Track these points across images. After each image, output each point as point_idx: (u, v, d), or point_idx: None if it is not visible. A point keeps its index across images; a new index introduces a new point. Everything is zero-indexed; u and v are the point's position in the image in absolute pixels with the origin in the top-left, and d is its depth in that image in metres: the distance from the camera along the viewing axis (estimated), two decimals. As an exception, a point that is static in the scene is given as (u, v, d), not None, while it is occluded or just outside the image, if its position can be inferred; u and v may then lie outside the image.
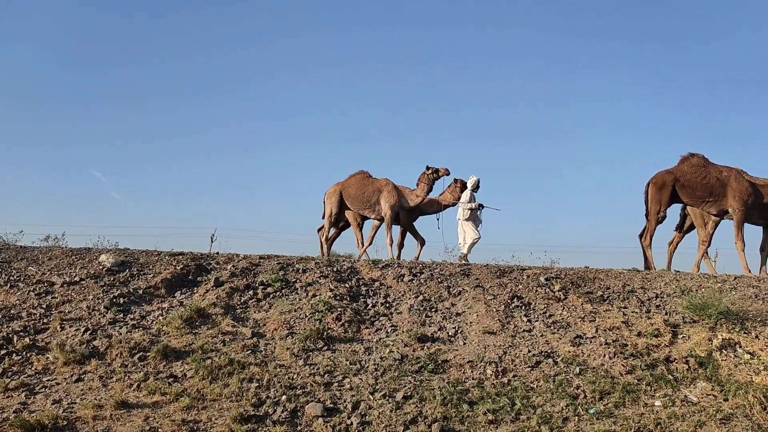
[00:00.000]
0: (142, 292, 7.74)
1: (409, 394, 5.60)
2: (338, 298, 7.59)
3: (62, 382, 5.78)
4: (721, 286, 8.34)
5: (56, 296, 7.57)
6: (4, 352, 6.23)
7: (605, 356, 6.38)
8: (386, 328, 7.00)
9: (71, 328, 6.79)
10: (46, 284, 7.90)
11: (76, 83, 48.36)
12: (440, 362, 6.24)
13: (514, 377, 6.01)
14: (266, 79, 50.50)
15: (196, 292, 7.83)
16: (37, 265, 8.63)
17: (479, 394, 5.66)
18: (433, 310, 7.47)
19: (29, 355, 6.23)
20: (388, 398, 5.54)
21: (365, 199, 11.31)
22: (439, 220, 11.41)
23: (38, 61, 46.33)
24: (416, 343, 6.60)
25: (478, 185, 11.15)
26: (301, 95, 50.78)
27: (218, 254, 9.37)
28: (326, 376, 5.90)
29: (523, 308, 7.50)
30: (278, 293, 7.76)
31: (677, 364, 6.28)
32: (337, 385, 5.78)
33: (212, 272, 8.40)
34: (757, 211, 10.18)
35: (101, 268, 8.41)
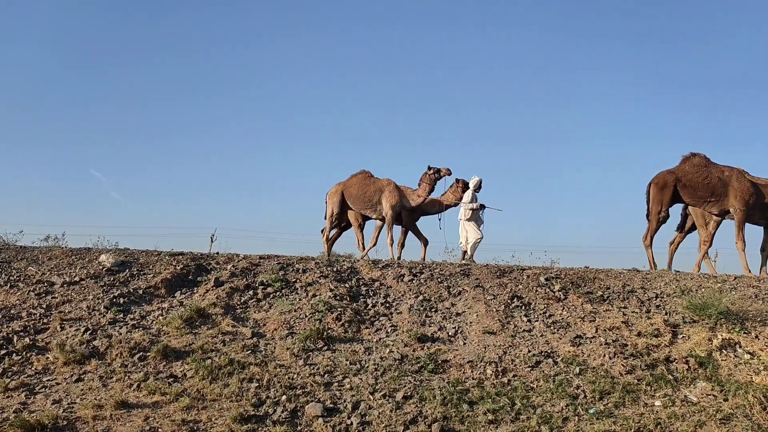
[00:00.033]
0: (142, 292, 7.74)
1: (409, 394, 5.60)
2: (338, 298, 7.59)
3: (62, 382, 5.79)
4: (721, 286, 8.34)
5: (56, 296, 7.57)
6: (4, 352, 6.23)
7: (605, 356, 6.38)
8: (386, 328, 7.00)
9: (71, 328, 6.79)
10: (46, 284, 7.90)
11: (76, 83, 48.41)
12: (440, 362, 6.24)
13: (514, 377, 6.01)
14: (266, 79, 50.55)
15: (196, 292, 7.83)
16: (37, 265, 8.63)
17: (479, 394, 5.66)
18: (433, 310, 7.47)
19: (29, 355, 6.23)
20: (388, 398, 5.54)
21: (367, 198, 11.31)
22: (440, 220, 11.42)
23: (38, 61, 46.39)
24: (416, 343, 6.60)
25: (480, 185, 11.14)
26: (301, 95, 50.82)
27: (218, 254, 9.38)
28: (326, 376, 5.90)
29: (523, 308, 7.50)
30: (278, 293, 7.76)
31: (677, 364, 6.28)
32: (337, 385, 5.78)
33: (212, 272, 8.40)
34: (758, 211, 10.17)
35: (101, 268, 8.41)
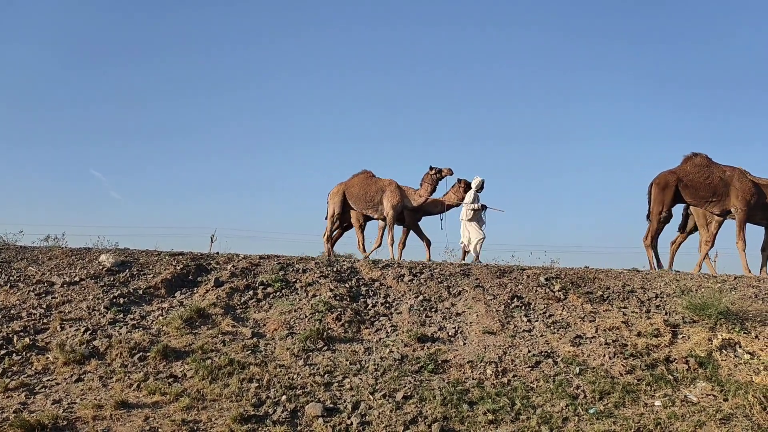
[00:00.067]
0: (142, 292, 7.75)
1: (409, 394, 5.60)
2: (338, 298, 7.59)
3: (62, 382, 5.79)
4: (721, 286, 8.34)
5: (56, 296, 7.57)
6: (4, 352, 6.23)
7: (605, 356, 6.38)
8: (386, 328, 7.00)
9: (71, 328, 6.79)
10: (46, 284, 7.90)
11: (76, 83, 48.39)
12: (440, 362, 6.24)
13: (514, 377, 6.01)
14: (266, 79, 50.52)
15: (196, 292, 7.83)
16: (37, 265, 8.63)
17: (479, 394, 5.66)
18: (433, 310, 7.47)
19: (29, 355, 6.23)
20: (388, 398, 5.54)
21: (368, 198, 11.31)
22: (442, 220, 11.42)
23: (38, 61, 46.37)
24: (416, 343, 6.60)
25: (482, 186, 11.11)
26: (301, 95, 50.80)
27: (218, 254, 9.38)
28: (326, 376, 5.90)
29: (523, 308, 7.50)
30: (278, 293, 7.76)
31: (677, 364, 6.28)
32: (337, 385, 5.78)
33: (212, 272, 8.40)
34: (760, 211, 10.15)
35: (101, 268, 8.41)
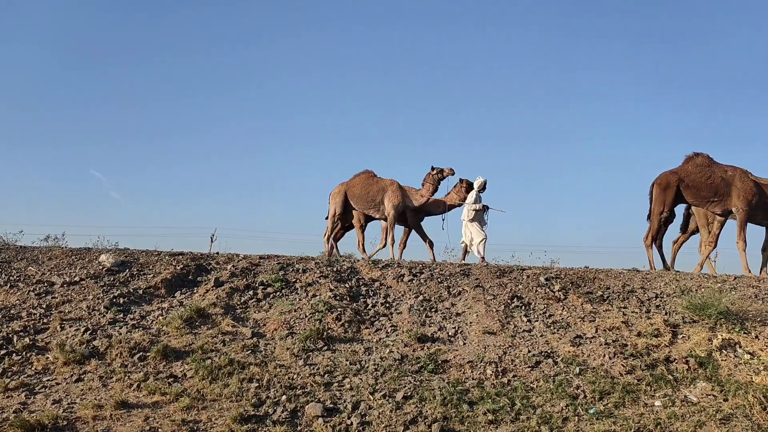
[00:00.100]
0: (142, 292, 7.75)
1: (409, 394, 5.60)
2: (338, 298, 7.59)
3: (62, 382, 5.79)
4: (721, 286, 8.34)
5: (56, 296, 7.57)
6: (4, 352, 6.23)
7: (605, 356, 6.38)
8: (386, 328, 7.00)
9: (71, 328, 6.79)
10: (46, 284, 7.90)
11: (76, 83, 48.35)
12: (440, 362, 6.24)
13: (514, 377, 6.01)
14: (266, 79, 50.48)
15: (196, 292, 7.83)
16: (37, 265, 8.63)
17: (479, 394, 5.66)
18: (433, 310, 7.47)
19: (29, 355, 6.23)
20: (388, 398, 5.54)
21: (370, 198, 11.31)
22: (444, 221, 11.41)
23: (38, 61, 46.32)
24: (416, 343, 6.60)
25: (484, 186, 11.10)
26: (301, 95, 50.76)
27: (218, 254, 9.38)
28: (326, 376, 5.90)
29: (523, 308, 7.50)
30: (278, 293, 7.76)
31: (677, 364, 6.28)
32: (337, 385, 5.78)
33: (212, 272, 8.40)
34: (761, 211, 10.14)
35: (101, 268, 8.41)
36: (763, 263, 10.34)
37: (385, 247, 11.55)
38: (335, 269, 8.57)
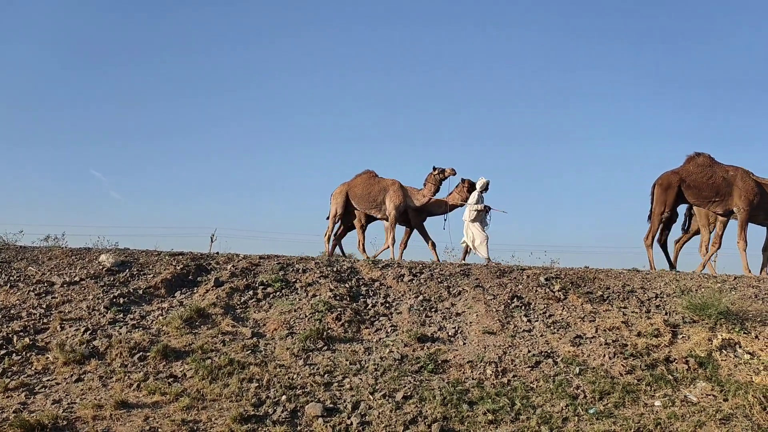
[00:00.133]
0: (142, 292, 7.75)
1: (409, 394, 5.60)
2: (338, 298, 7.59)
3: (62, 382, 5.79)
4: (721, 286, 8.34)
5: (56, 296, 7.57)
6: (4, 352, 6.23)
7: (605, 356, 6.38)
8: (386, 328, 7.00)
9: (71, 328, 6.79)
10: (46, 284, 7.90)
11: (76, 83, 48.38)
12: (440, 362, 6.24)
13: (514, 377, 6.01)
14: (266, 79, 50.51)
15: (196, 292, 7.83)
16: (37, 265, 8.63)
17: (479, 394, 5.66)
18: (433, 310, 7.47)
19: (29, 355, 6.23)
20: (388, 398, 5.54)
21: (371, 198, 11.30)
22: (446, 221, 11.39)
23: (38, 61, 46.36)
24: (416, 343, 6.60)
25: (486, 187, 11.07)
26: (301, 95, 50.79)
27: (218, 254, 9.37)
28: (326, 376, 5.90)
29: (523, 308, 7.50)
30: (278, 293, 7.76)
31: (677, 364, 6.28)
32: (337, 385, 5.78)
33: (212, 272, 8.40)
34: (763, 211, 10.12)
35: (101, 268, 8.41)
36: (763, 263, 10.35)
37: (389, 247, 11.52)
38: (335, 269, 8.57)
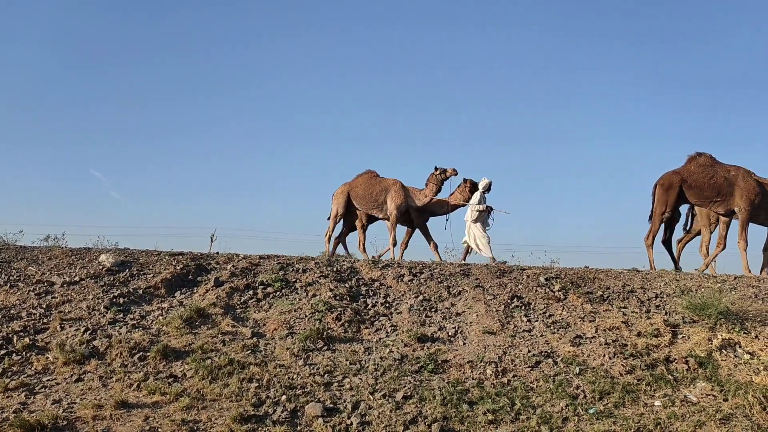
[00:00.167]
0: (142, 292, 7.75)
1: (409, 394, 5.60)
2: (338, 298, 7.59)
3: (62, 382, 5.79)
4: (720, 286, 8.34)
5: (56, 296, 7.57)
6: (4, 352, 6.23)
7: (605, 356, 6.38)
8: (386, 328, 7.00)
9: (71, 328, 6.79)
10: (46, 284, 7.90)
11: (76, 83, 48.37)
12: (440, 362, 6.24)
13: (514, 377, 6.01)
14: (266, 79, 50.50)
15: (196, 292, 7.83)
16: (37, 265, 8.63)
17: (479, 394, 5.66)
18: (433, 310, 7.47)
19: (29, 355, 6.23)
20: (388, 398, 5.54)
21: (373, 198, 11.30)
22: (448, 221, 11.38)
23: (38, 61, 46.34)
24: (416, 343, 6.60)
25: (489, 187, 11.04)
26: (301, 95, 50.78)
27: (218, 254, 9.37)
28: (326, 376, 5.90)
29: (523, 308, 7.50)
30: (278, 293, 7.76)
31: (677, 364, 6.28)
32: (337, 385, 5.78)
33: (212, 272, 8.40)
34: (764, 211, 10.10)
35: (101, 268, 8.41)
36: (763, 263, 10.33)
37: (394, 247, 11.51)
38: (335, 269, 8.57)
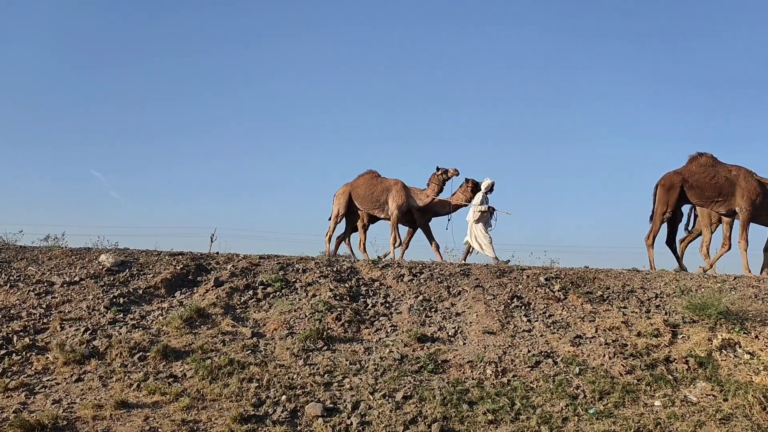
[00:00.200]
0: (142, 292, 7.75)
1: (408, 394, 5.60)
2: (338, 298, 7.59)
3: (62, 382, 5.79)
4: (720, 286, 8.34)
5: (56, 296, 7.57)
6: (4, 352, 6.23)
7: (605, 356, 6.38)
8: (386, 328, 7.00)
9: (71, 328, 6.79)
10: (46, 284, 7.90)
11: (76, 83, 48.43)
12: (440, 362, 6.24)
13: (513, 377, 6.01)
14: (266, 79, 50.57)
15: (196, 292, 7.83)
16: (37, 265, 8.63)
17: (479, 394, 5.65)
18: (432, 310, 7.47)
19: (29, 355, 6.23)
20: (388, 398, 5.54)
21: (374, 198, 11.29)
22: (450, 221, 11.38)
23: (38, 61, 46.41)
24: (416, 343, 6.60)
25: (491, 188, 11.03)
26: (301, 95, 50.84)
27: (218, 254, 9.38)
28: (326, 376, 5.90)
29: (522, 308, 7.50)
30: (278, 293, 7.76)
31: (677, 364, 6.28)
32: (337, 385, 5.78)
33: (212, 272, 8.40)
34: (765, 211, 10.08)
35: (101, 268, 8.41)
36: (764, 263, 10.33)
37: (398, 247, 11.51)
38: (335, 269, 8.58)
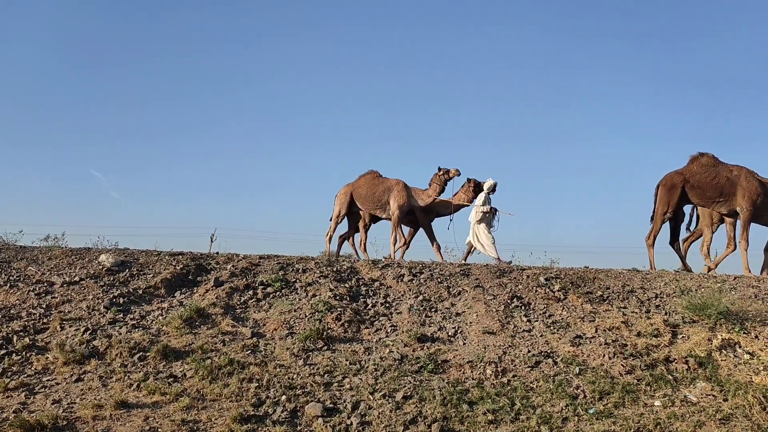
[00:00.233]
0: (142, 292, 7.75)
1: (408, 394, 5.60)
2: (338, 298, 7.59)
3: (62, 382, 5.79)
4: (720, 286, 8.34)
5: (56, 296, 7.57)
6: (4, 352, 6.23)
7: (605, 356, 6.38)
8: (386, 328, 7.00)
9: (71, 328, 6.79)
10: (45, 284, 7.90)
11: (76, 83, 48.45)
12: (440, 362, 6.24)
13: (513, 377, 6.01)
14: (266, 79, 50.59)
15: (195, 292, 7.83)
16: (36, 265, 8.63)
17: (479, 394, 5.65)
18: (432, 310, 7.47)
19: (29, 355, 6.23)
20: (387, 398, 5.54)
21: (376, 198, 11.29)
22: (451, 221, 11.38)
23: (38, 61, 46.43)
24: (416, 343, 6.60)
25: (494, 188, 11.02)
26: (301, 95, 50.87)
27: (218, 254, 9.38)
28: (326, 376, 5.90)
29: (522, 308, 7.50)
30: (278, 293, 7.76)
31: (677, 364, 6.27)
32: (337, 385, 5.78)
33: (212, 272, 8.40)
34: (766, 211, 10.09)
35: (101, 268, 8.41)
36: (764, 263, 10.33)
37: (403, 246, 11.50)
38: (335, 269, 8.58)
